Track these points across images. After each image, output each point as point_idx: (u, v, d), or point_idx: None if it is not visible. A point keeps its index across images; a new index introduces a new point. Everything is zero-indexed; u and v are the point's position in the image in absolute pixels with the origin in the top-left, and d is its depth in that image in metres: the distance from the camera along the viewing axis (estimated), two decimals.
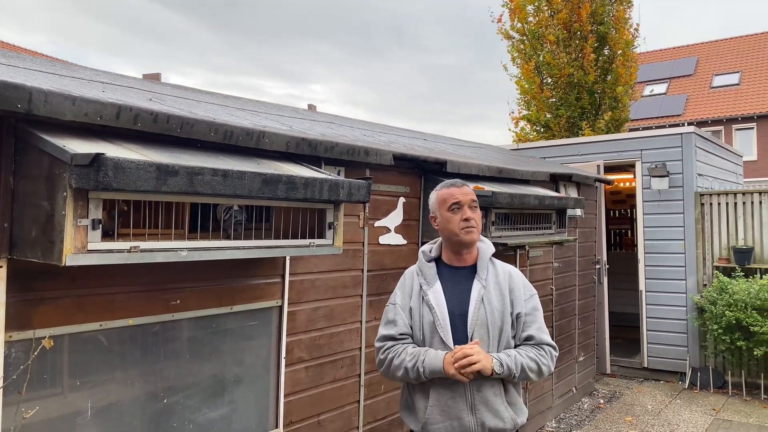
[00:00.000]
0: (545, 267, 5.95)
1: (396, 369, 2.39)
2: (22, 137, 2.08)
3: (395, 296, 2.53)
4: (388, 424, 3.96)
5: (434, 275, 2.48)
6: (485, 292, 2.41)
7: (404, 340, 2.43)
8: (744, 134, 24.61)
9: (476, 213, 2.47)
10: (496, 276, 2.47)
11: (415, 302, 2.46)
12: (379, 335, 2.50)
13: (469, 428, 2.33)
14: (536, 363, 2.38)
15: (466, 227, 2.42)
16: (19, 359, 2.15)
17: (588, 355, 6.99)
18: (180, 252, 2.22)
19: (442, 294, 2.43)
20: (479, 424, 2.34)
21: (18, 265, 2.13)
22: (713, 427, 5.81)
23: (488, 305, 2.39)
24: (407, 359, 2.35)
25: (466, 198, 2.46)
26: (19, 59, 3.03)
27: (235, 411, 2.95)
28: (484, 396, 2.35)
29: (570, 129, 11.55)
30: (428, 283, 2.46)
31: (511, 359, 2.32)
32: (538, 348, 2.42)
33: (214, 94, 4.33)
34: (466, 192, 2.48)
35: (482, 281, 2.44)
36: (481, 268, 2.47)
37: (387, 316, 2.51)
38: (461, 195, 2.46)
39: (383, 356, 2.44)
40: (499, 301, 2.42)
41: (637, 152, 7.71)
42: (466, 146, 6.64)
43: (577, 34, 11.52)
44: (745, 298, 6.37)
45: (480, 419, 2.34)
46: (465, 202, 2.45)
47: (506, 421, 2.37)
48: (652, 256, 7.61)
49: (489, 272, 2.47)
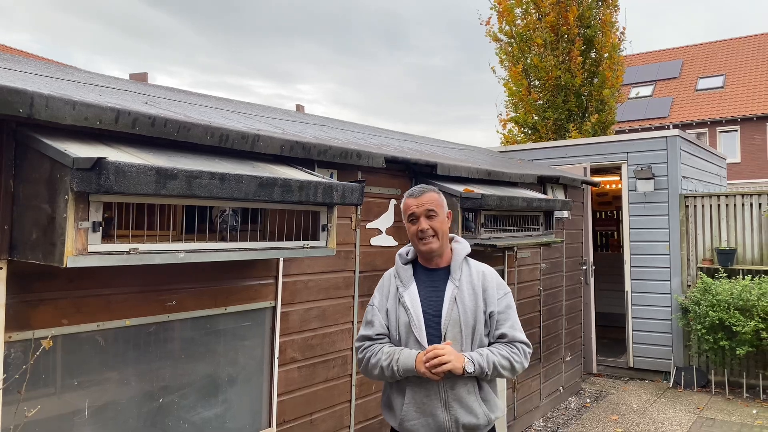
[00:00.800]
0: (533, 268, 6.03)
1: (372, 368, 2.49)
2: (22, 141, 2.11)
3: (374, 298, 2.63)
4: (379, 423, 4.01)
5: (410, 277, 2.56)
6: (458, 292, 2.49)
7: (381, 340, 2.53)
8: (728, 136, 24.96)
9: (436, 220, 2.51)
10: (470, 276, 2.55)
11: (392, 304, 2.54)
12: (358, 335, 2.61)
13: (443, 425, 2.42)
14: (509, 360, 2.44)
15: (421, 238, 2.51)
16: (18, 359, 2.18)
17: (575, 355, 7.08)
18: (177, 254, 2.26)
19: (417, 295, 2.51)
20: (453, 420, 2.42)
21: (17, 266, 2.16)
22: (697, 425, 5.92)
23: (461, 305, 2.47)
24: (383, 358, 2.44)
25: (420, 209, 2.52)
26: (14, 62, 3.05)
27: (229, 410, 2.99)
28: (458, 393, 2.42)
29: (557, 131, 11.68)
30: (404, 285, 2.54)
31: (483, 358, 2.39)
32: (511, 345, 2.48)
33: (207, 96, 4.37)
34: (423, 202, 2.53)
35: (455, 282, 2.51)
36: (455, 269, 2.55)
37: (366, 317, 2.61)
38: (416, 206, 2.53)
39: (361, 355, 2.55)
40: (471, 300, 2.49)
41: (623, 155, 7.83)
42: (455, 149, 6.71)
43: (564, 38, 11.65)
44: (728, 299, 6.50)
45: (454, 416, 2.42)
46: (420, 213, 2.51)
47: (479, 417, 2.45)
48: (638, 257, 7.73)
49: (463, 272, 2.55)
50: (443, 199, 2.61)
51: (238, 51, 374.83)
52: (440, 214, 2.54)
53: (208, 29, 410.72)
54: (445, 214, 2.57)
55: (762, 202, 7.09)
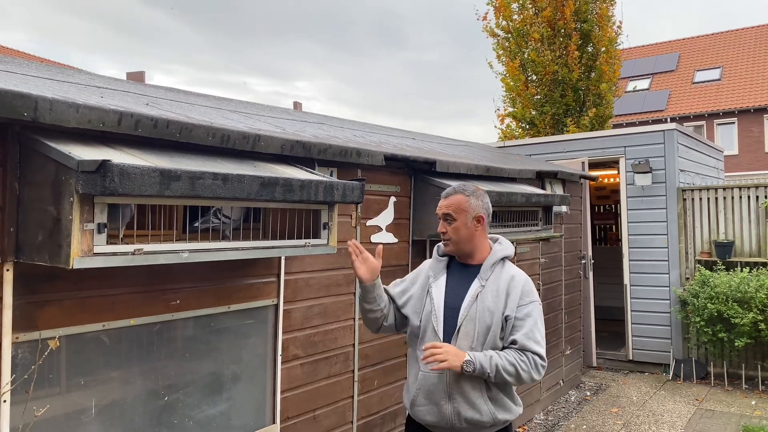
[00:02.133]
0: (532, 263, 6.06)
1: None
2: (26, 144, 2.14)
3: (407, 276, 2.79)
4: (381, 418, 4.05)
5: (441, 269, 2.65)
6: (482, 291, 2.52)
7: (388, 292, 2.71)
8: (725, 129, 25.00)
9: (451, 226, 2.57)
10: (498, 278, 2.55)
11: (419, 290, 2.65)
12: None
13: (446, 414, 2.48)
14: (514, 367, 2.39)
15: (441, 238, 2.63)
16: (26, 360, 2.21)
17: (574, 349, 7.13)
18: (181, 253, 2.29)
19: (444, 287, 2.59)
20: (455, 412, 2.47)
21: (24, 268, 2.19)
22: (696, 416, 5.97)
23: (481, 304, 2.50)
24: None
25: (440, 212, 2.62)
26: (15, 64, 3.07)
27: (233, 407, 3.03)
28: (461, 387, 2.46)
29: (555, 126, 11.71)
30: (435, 276, 2.64)
31: (487, 359, 2.39)
32: (521, 353, 2.43)
33: (207, 96, 4.39)
34: (444, 205, 2.61)
35: (482, 281, 2.55)
36: (485, 269, 2.58)
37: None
38: (440, 208, 2.63)
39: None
40: (493, 302, 2.50)
41: (620, 149, 7.86)
42: (454, 145, 6.74)
43: (561, 32, 11.66)
44: (726, 291, 6.54)
45: (456, 408, 2.46)
46: (440, 215, 2.62)
47: (483, 414, 2.46)
48: (636, 250, 7.77)
49: (493, 273, 2.56)
50: (471, 203, 2.57)
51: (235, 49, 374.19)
52: (459, 219, 2.55)
53: (203, 27, 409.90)
54: (467, 219, 2.55)
55: (759, 194, 7.13)
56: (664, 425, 5.74)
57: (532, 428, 5.76)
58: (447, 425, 2.49)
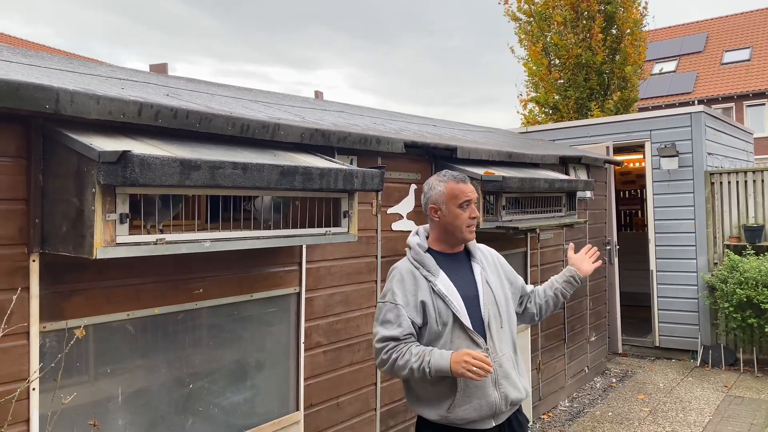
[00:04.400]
0: (556, 249, 6.01)
1: (399, 369, 2.37)
2: (49, 136, 2.17)
3: (394, 295, 2.45)
4: (405, 405, 4.06)
5: (434, 265, 2.50)
6: (485, 273, 2.57)
7: (407, 340, 2.40)
8: (755, 110, 24.41)
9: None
10: (484, 257, 2.65)
11: (426, 296, 2.44)
12: (379, 335, 2.43)
13: (494, 403, 2.41)
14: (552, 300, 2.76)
15: (470, 225, 2.52)
16: (53, 348, 2.25)
17: (599, 335, 7.06)
18: (204, 243, 2.31)
19: (450, 282, 2.48)
20: (503, 397, 2.44)
21: (49, 258, 2.23)
22: (725, 403, 5.88)
23: (491, 284, 2.56)
24: (413, 360, 2.33)
25: (474, 195, 2.55)
26: (38, 58, 3.11)
27: (257, 395, 3.06)
28: (505, 370, 2.47)
29: (579, 110, 11.53)
30: (433, 274, 2.48)
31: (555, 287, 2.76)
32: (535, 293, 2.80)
33: (226, 86, 4.40)
34: (473, 189, 2.57)
35: (480, 263, 2.59)
36: (474, 251, 2.62)
37: (385, 316, 2.44)
38: (471, 193, 2.53)
39: (386, 356, 2.39)
40: (496, 279, 2.60)
41: (646, 133, 7.72)
42: (475, 131, 6.68)
43: (584, 14, 11.46)
44: (756, 276, 6.41)
45: (504, 393, 2.44)
46: (474, 199, 2.54)
47: (521, 391, 2.51)
48: (663, 236, 7.64)
49: (480, 254, 2.64)
50: None
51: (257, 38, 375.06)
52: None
53: (225, 17, 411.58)
54: None
55: None
56: (692, 412, 5.67)
57: (557, 415, 5.74)
58: (490, 414, 2.41)
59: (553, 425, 5.46)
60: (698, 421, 5.44)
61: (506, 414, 2.50)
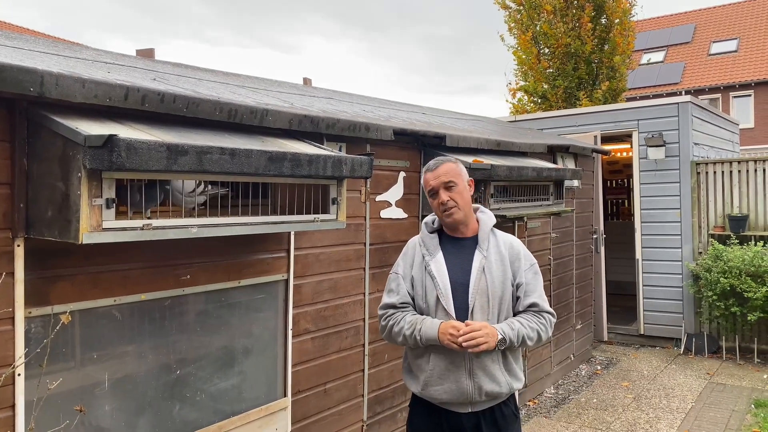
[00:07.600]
0: (543, 237, 6.04)
1: (396, 335, 2.51)
2: (34, 119, 2.14)
3: (398, 266, 2.62)
4: (392, 391, 4.08)
5: (436, 246, 2.55)
6: (486, 263, 2.49)
7: (404, 308, 2.53)
8: (741, 101, 24.57)
9: (455, 191, 2.49)
10: (497, 246, 2.55)
11: (418, 272, 2.54)
12: (381, 303, 2.60)
13: (466, 392, 2.44)
14: (537, 332, 2.48)
15: (443, 210, 2.50)
16: (38, 334, 2.24)
17: (585, 323, 7.13)
18: (190, 229, 2.30)
19: (444, 264, 2.50)
20: (477, 388, 2.44)
21: (34, 243, 2.20)
22: (707, 390, 5.97)
23: (489, 275, 2.47)
24: (405, 327, 2.46)
25: (437, 182, 2.50)
26: (23, 40, 3.06)
27: (245, 381, 3.06)
28: (482, 362, 2.44)
29: (567, 99, 11.56)
30: (430, 253, 2.53)
31: (514, 332, 2.41)
32: (540, 316, 2.52)
33: (215, 71, 4.36)
34: (439, 174, 2.51)
35: (483, 252, 2.51)
36: (482, 239, 2.54)
37: (389, 285, 2.60)
38: (434, 180, 2.51)
39: (384, 323, 2.56)
40: (500, 271, 2.50)
41: (633, 122, 7.76)
42: (464, 119, 6.68)
43: (574, 4, 11.46)
44: (740, 265, 6.49)
45: (478, 383, 2.44)
46: (438, 186, 2.50)
47: (502, 385, 2.48)
48: (649, 225, 7.71)
49: (490, 243, 2.55)
50: (462, 168, 2.58)
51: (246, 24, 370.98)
52: (459, 183, 2.51)
53: (214, 2, 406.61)
54: (465, 183, 2.54)
55: None
56: (675, 398, 5.75)
57: (542, 401, 5.80)
58: (465, 401, 2.46)
59: (539, 411, 5.52)
60: (681, 407, 5.52)
61: (484, 404, 2.49)
